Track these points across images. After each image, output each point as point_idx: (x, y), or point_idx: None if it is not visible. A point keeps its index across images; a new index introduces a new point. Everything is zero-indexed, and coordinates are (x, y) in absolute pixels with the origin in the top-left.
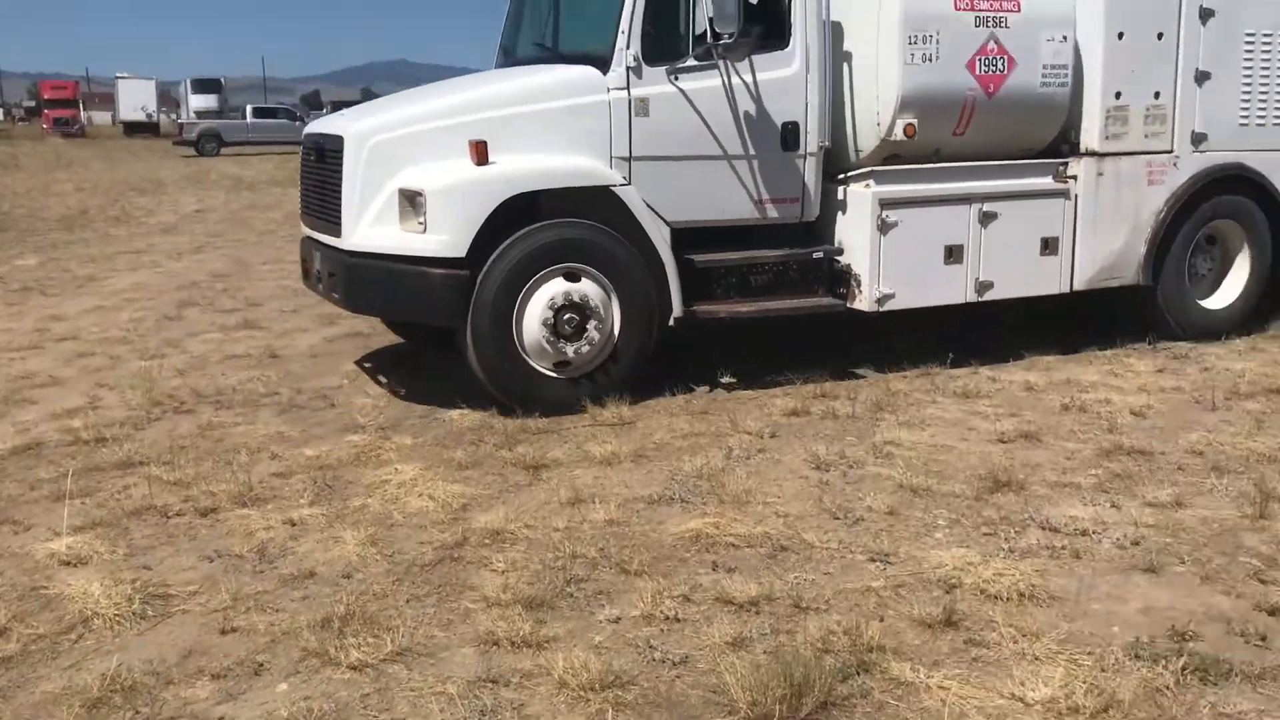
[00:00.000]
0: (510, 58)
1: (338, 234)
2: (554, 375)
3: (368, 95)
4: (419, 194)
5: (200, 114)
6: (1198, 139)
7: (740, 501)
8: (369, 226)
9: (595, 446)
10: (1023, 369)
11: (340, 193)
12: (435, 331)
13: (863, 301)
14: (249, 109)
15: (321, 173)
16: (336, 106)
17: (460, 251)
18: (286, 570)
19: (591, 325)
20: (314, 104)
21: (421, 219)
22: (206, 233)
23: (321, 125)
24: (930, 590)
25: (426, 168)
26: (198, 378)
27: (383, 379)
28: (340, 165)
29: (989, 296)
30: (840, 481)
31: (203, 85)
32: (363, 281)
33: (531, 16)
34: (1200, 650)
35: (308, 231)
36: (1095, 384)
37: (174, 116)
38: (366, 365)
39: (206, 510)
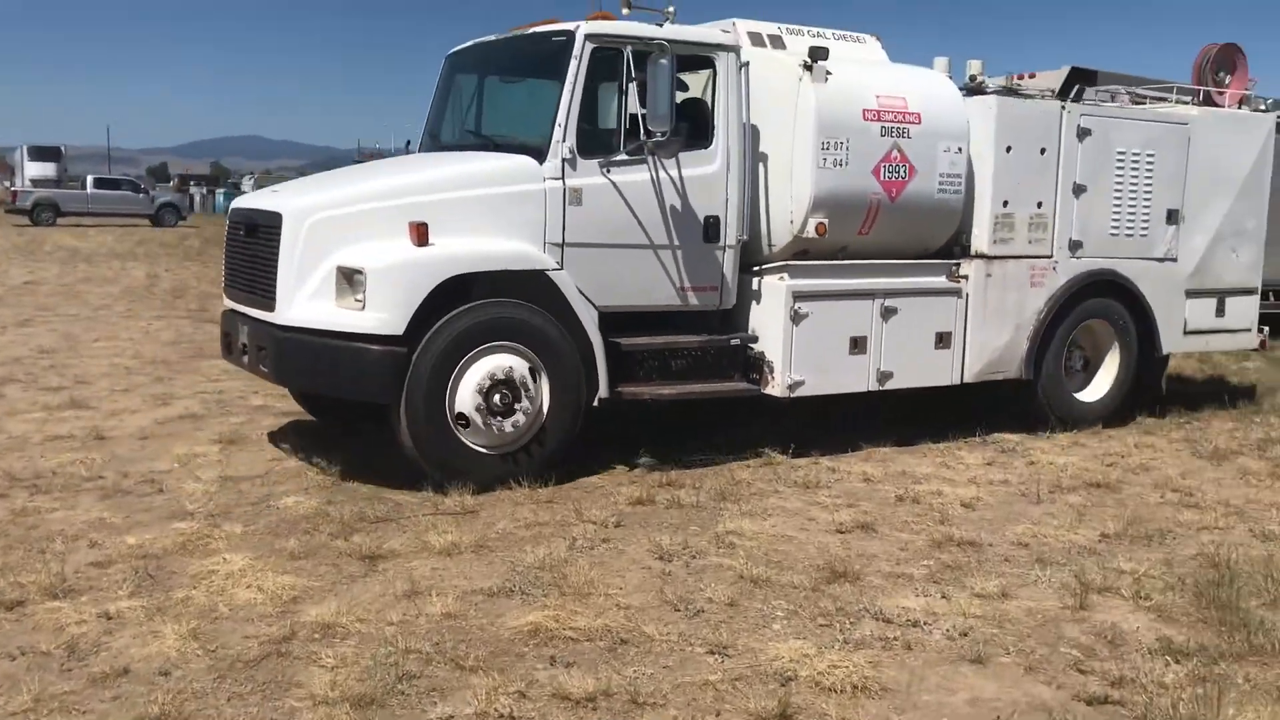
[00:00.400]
0: (437, 143)
1: (270, 308)
2: (484, 451)
3: (218, 169)
4: (359, 272)
5: (36, 182)
6: (1074, 246)
7: (582, 593)
8: (305, 302)
9: (435, 536)
10: (860, 459)
11: (275, 268)
12: (347, 408)
13: (775, 387)
14: (90, 179)
15: (253, 247)
16: (184, 180)
17: (399, 329)
18: (98, 668)
19: (522, 403)
20: (160, 176)
21: (359, 296)
22: (35, 305)
23: (253, 201)
24: (766, 683)
25: (365, 247)
26: (14, 460)
27: (218, 461)
28: (276, 241)
29: (889, 386)
30: (683, 572)
31: (40, 152)
32: (296, 356)
33: (462, 105)
34: None
35: (232, 305)
36: (928, 475)
37: (8, 184)
38: (199, 449)
39: (12, 603)
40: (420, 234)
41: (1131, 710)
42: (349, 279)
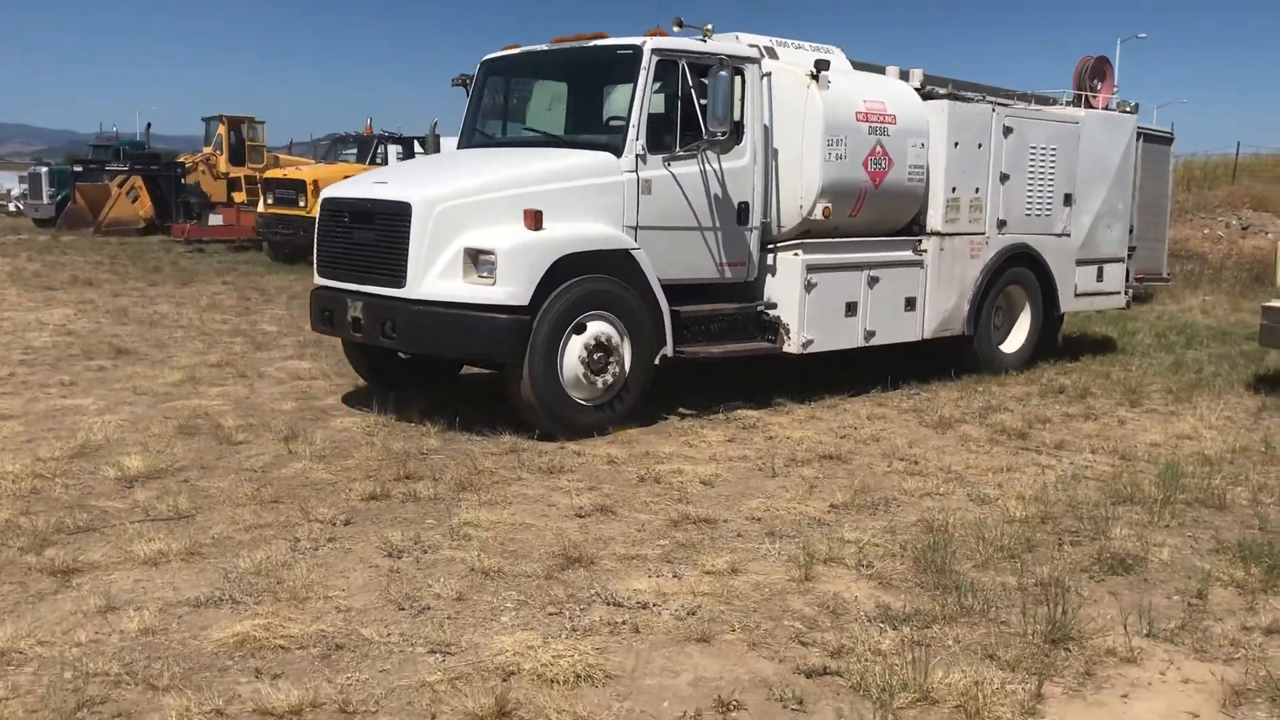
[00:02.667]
0: (491, 139)
1: (400, 285)
2: (584, 403)
3: None
4: (488, 253)
5: None
6: (1001, 224)
7: (299, 598)
8: (436, 280)
9: (142, 545)
10: (606, 442)
11: (404, 250)
12: (407, 373)
13: (792, 346)
14: None
15: (369, 233)
16: None
17: (525, 300)
18: None
19: (612, 362)
20: None
21: (485, 273)
22: None
23: (363, 191)
24: (487, 680)
25: (488, 231)
26: None
27: None
28: (405, 227)
29: (873, 342)
30: (412, 569)
31: None
32: (430, 326)
33: (516, 106)
34: None
35: (336, 284)
36: (671, 455)
37: None
38: None
39: None
40: (536, 220)
41: (848, 679)
42: (474, 259)
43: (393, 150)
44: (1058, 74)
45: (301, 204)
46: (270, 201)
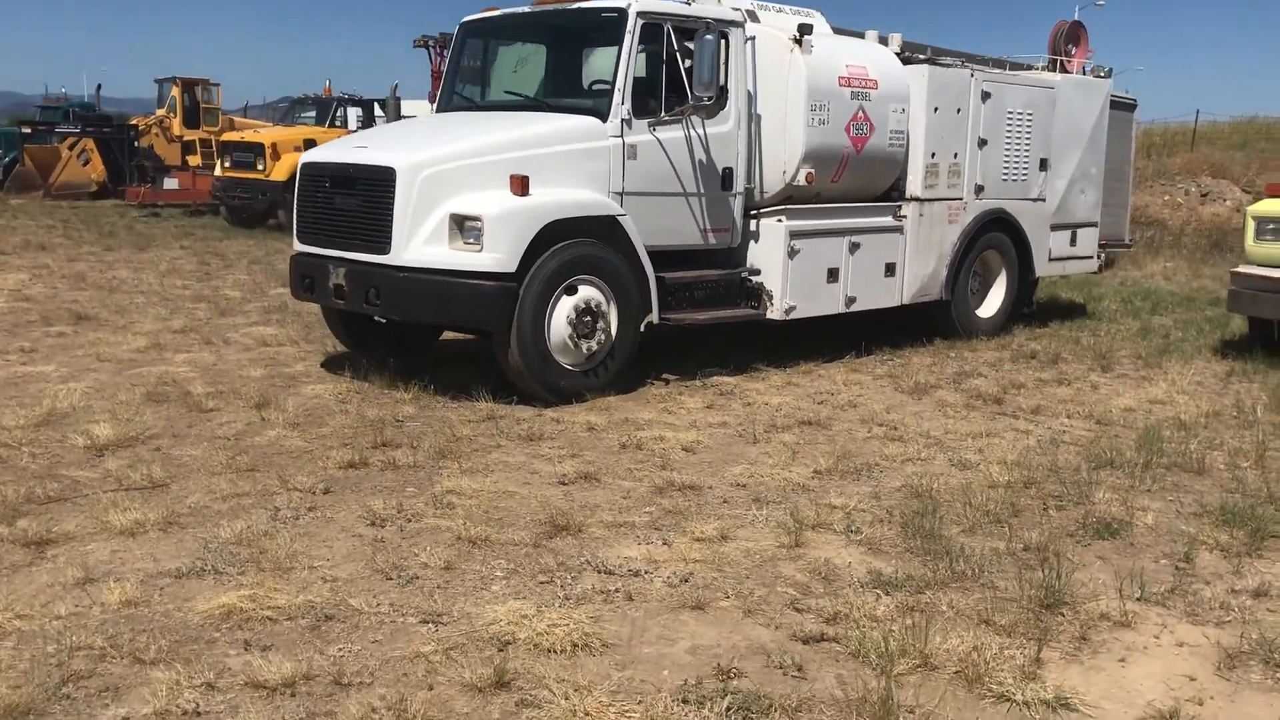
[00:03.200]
0: (470, 103)
1: (384, 251)
2: (571, 369)
3: None
4: (475, 219)
5: None
6: (978, 190)
7: (283, 569)
8: (421, 246)
9: (117, 515)
10: (585, 409)
11: (388, 216)
12: (392, 341)
13: (775, 312)
14: None
15: (352, 198)
16: None
17: (511, 267)
18: None
19: (599, 326)
20: None
21: (471, 239)
22: None
23: (345, 155)
24: (483, 650)
25: (474, 197)
26: None
27: None
28: (389, 192)
29: (854, 308)
30: (396, 538)
31: None
32: (415, 292)
33: (498, 68)
34: (743, 688)
35: (317, 250)
36: (651, 422)
37: None
38: None
39: None
40: (523, 185)
41: (846, 646)
42: (460, 225)
43: (352, 113)
44: (1024, 43)
45: (260, 167)
46: (228, 165)
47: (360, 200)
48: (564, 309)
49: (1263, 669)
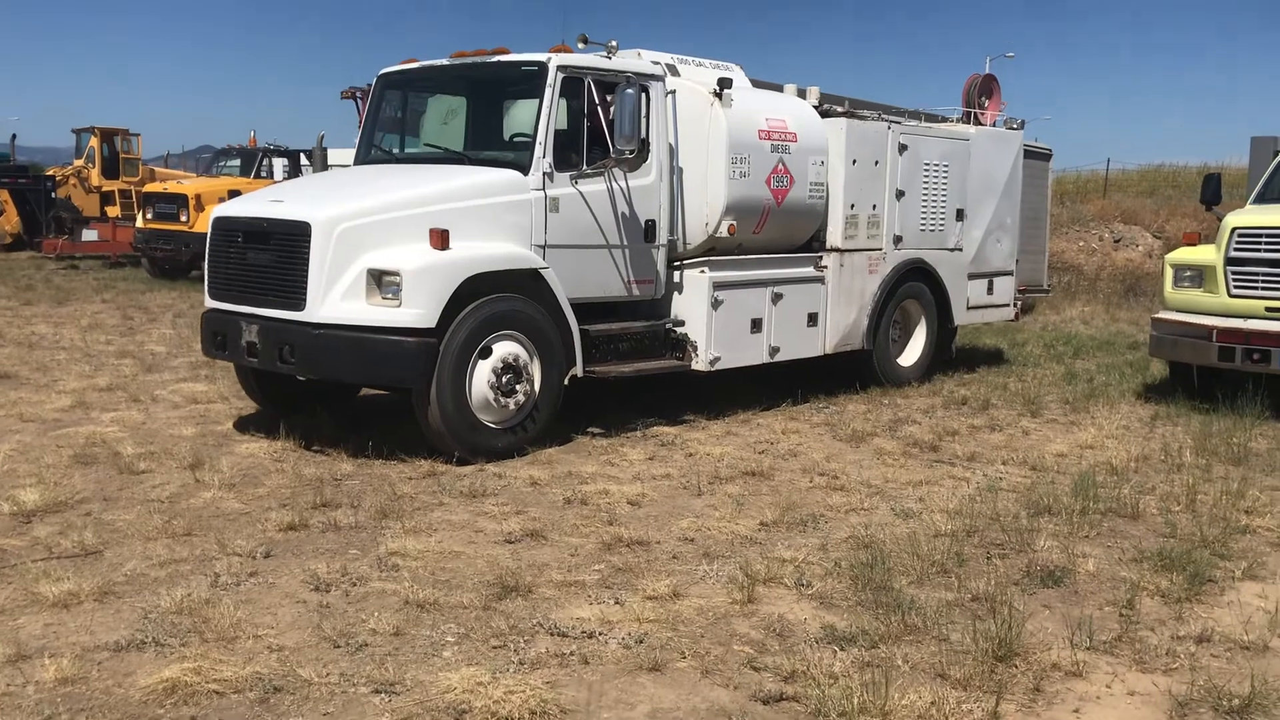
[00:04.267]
0: (388, 155)
1: (299, 308)
2: (494, 426)
3: None
4: (393, 273)
5: None
6: (897, 240)
7: (227, 638)
8: (338, 301)
9: (49, 586)
10: (527, 464)
11: (303, 272)
12: (300, 396)
13: (700, 363)
14: None
15: (267, 253)
16: None
17: (431, 322)
18: None
19: (522, 383)
20: None
21: (390, 295)
22: None
23: (259, 210)
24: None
25: (391, 251)
26: None
27: None
28: (304, 247)
29: (778, 358)
30: (342, 603)
31: None
32: (331, 350)
33: (414, 121)
34: None
35: (227, 306)
36: (594, 475)
37: None
38: None
39: None
40: (443, 239)
41: (806, 705)
42: (378, 280)
43: (278, 163)
44: (939, 94)
45: (183, 219)
46: (150, 216)
47: (274, 255)
48: (486, 365)
49: (1213, 716)
